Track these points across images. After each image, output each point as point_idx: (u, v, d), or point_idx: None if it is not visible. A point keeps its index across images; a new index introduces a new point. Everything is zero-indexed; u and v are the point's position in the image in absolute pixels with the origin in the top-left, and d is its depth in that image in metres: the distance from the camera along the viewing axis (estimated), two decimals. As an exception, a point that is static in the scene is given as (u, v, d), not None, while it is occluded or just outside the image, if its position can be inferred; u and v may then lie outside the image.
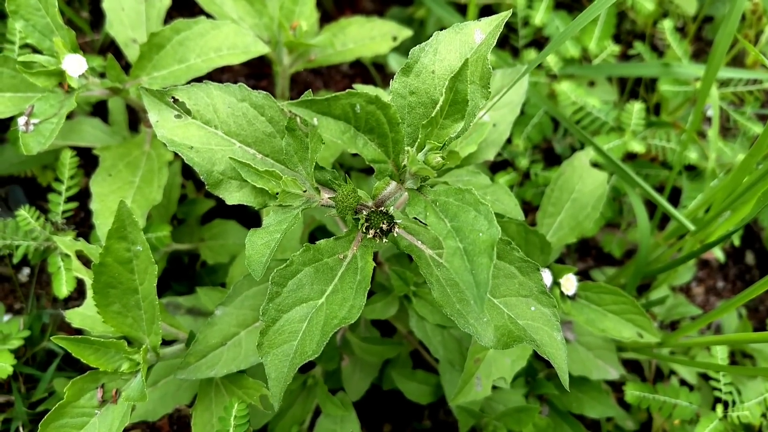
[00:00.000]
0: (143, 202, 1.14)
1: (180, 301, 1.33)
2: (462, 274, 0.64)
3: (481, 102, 0.75)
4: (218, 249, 1.42)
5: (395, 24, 1.40)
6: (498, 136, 1.13)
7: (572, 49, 1.65)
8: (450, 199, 0.71)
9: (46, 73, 1.06)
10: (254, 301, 1.01)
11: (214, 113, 0.89)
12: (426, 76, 0.78)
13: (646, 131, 1.57)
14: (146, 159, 1.20)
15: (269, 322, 0.76)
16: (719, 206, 1.21)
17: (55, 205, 1.30)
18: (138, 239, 0.93)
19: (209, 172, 0.87)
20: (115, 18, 1.27)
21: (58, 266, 1.24)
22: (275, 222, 0.85)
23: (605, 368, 1.37)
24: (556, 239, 1.25)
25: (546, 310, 0.85)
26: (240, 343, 1.00)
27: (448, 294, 0.84)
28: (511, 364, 1.16)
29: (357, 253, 0.81)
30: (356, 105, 0.65)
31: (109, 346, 0.95)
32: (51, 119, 1.04)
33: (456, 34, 0.78)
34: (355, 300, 0.77)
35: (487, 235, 0.66)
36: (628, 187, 1.35)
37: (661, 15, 1.88)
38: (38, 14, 1.07)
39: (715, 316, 1.27)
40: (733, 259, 1.90)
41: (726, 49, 1.20)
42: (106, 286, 0.94)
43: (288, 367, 0.75)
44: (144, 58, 1.14)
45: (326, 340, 0.74)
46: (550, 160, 1.82)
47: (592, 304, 1.19)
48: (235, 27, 1.11)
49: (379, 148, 0.70)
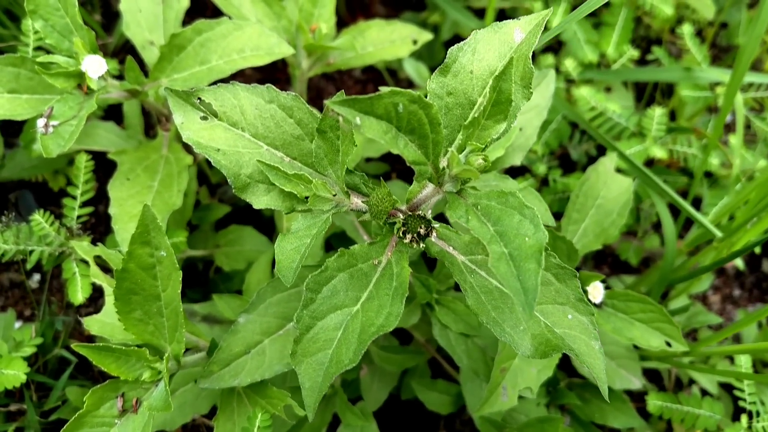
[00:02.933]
0: (163, 206, 1.11)
1: (195, 309, 1.30)
2: (509, 280, 0.62)
3: (522, 103, 0.73)
4: (234, 255, 1.39)
5: (415, 27, 1.39)
6: (525, 141, 1.11)
7: (590, 54, 1.63)
8: (492, 203, 0.69)
9: (66, 74, 1.04)
10: (278, 308, 0.99)
11: (241, 115, 0.87)
12: (464, 76, 0.76)
13: (667, 137, 1.55)
14: (164, 163, 1.18)
15: (303, 329, 0.74)
16: (747, 213, 1.19)
17: (70, 209, 1.27)
18: (162, 244, 0.90)
19: (236, 175, 0.85)
20: (132, 20, 1.25)
21: (73, 272, 1.22)
22: (305, 227, 0.83)
23: (628, 378, 1.35)
24: (580, 246, 1.22)
25: (583, 319, 0.83)
26: (264, 351, 0.98)
27: (482, 302, 0.82)
28: (537, 374, 1.14)
29: (391, 258, 0.79)
30: (399, 104, 0.63)
31: (131, 355, 0.92)
32: (70, 121, 1.02)
33: (495, 33, 0.76)
34: (392, 307, 0.74)
35: (533, 239, 0.64)
36: (653, 193, 1.33)
37: (675, 21, 1.87)
38: (57, 14, 1.05)
39: (737, 328, 1.25)
40: (750, 267, 1.88)
41: (753, 53, 1.19)
42: (128, 292, 0.92)
43: (323, 376, 0.73)
44: (164, 60, 1.12)
45: (364, 349, 0.72)
46: (565, 166, 1.80)
47: (619, 312, 1.17)
48: (258, 28, 1.09)
49: (419, 150, 0.68)
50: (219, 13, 1.31)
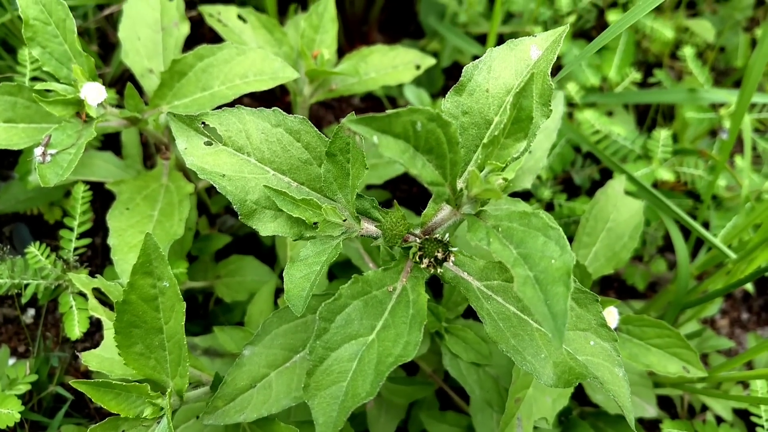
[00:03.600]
0: (164, 236, 1.08)
1: (196, 342, 1.26)
2: (536, 305, 0.59)
3: (542, 121, 0.70)
4: (235, 286, 1.36)
5: (418, 52, 1.37)
6: (534, 163, 1.09)
7: (592, 78, 1.62)
8: (514, 224, 0.66)
9: (64, 102, 1.01)
10: (285, 339, 0.95)
11: (247, 139, 0.84)
12: (480, 95, 0.73)
13: (673, 159, 1.53)
14: (165, 192, 1.15)
15: (317, 361, 0.70)
16: (761, 235, 1.16)
17: (67, 241, 1.24)
18: (165, 275, 0.87)
19: (242, 201, 0.82)
20: (130, 48, 1.23)
21: (69, 306, 1.18)
22: (314, 253, 0.80)
23: (642, 405, 1.31)
24: (592, 270, 1.20)
25: (606, 345, 0.79)
26: (270, 385, 0.94)
27: (501, 329, 0.79)
28: (552, 404, 1.10)
29: (407, 284, 0.76)
30: (417, 122, 0.60)
31: (131, 390, 0.88)
32: (69, 149, 0.99)
33: (511, 50, 0.74)
34: (410, 336, 0.71)
35: (560, 261, 0.61)
36: (663, 215, 1.31)
37: (673, 45, 1.87)
38: (56, 41, 1.03)
39: (751, 355, 1.22)
40: (758, 290, 1.85)
41: (761, 72, 1.17)
42: (129, 325, 0.88)
43: (338, 410, 0.69)
44: (164, 86, 1.10)
45: (382, 380, 0.68)
46: (568, 191, 1.77)
47: (635, 338, 1.13)
48: (262, 52, 1.07)
49: (437, 170, 0.65)
50: (219, 41, 1.29)
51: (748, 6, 1.91)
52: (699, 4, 2.00)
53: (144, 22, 1.24)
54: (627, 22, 0.97)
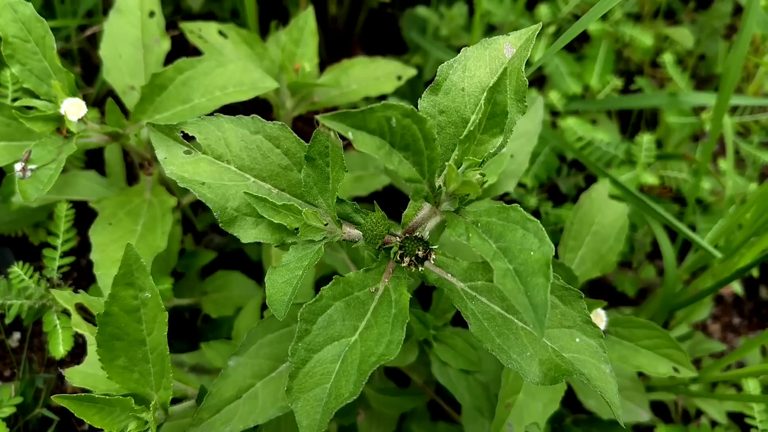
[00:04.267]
0: (147, 250, 1.07)
1: (183, 359, 1.25)
2: (516, 297, 0.59)
3: (517, 117, 0.71)
4: (222, 301, 1.35)
5: (399, 63, 1.38)
6: (516, 168, 1.09)
7: (574, 86, 1.63)
8: (493, 219, 0.66)
9: (44, 118, 1.01)
10: (270, 349, 0.94)
11: (226, 147, 0.84)
12: (455, 93, 0.74)
13: (656, 163, 1.54)
14: (148, 206, 1.14)
15: (299, 363, 0.69)
16: (744, 234, 1.17)
17: (50, 260, 1.23)
18: (146, 285, 0.86)
19: (223, 208, 0.82)
20: (112, 65, 1.23)
21: (54, 324, 1.17)
22: (296, 259, 0.79)
23: (636, 410, 1.30)
24: (579, 274, 1.19)
25: (592, 342, 0.79)
26: (256, 395, 0.93)
27: (486, 329, 0.78)
28: (543, 409, 1.09)
29: (389, 285, 0.75)
30: (392, 118, 0.60)
31: (115, 405, 0.87)
32: (49, 165, 0.99)
33: (485, 49, 0.74)
34: (392, 335, 0.70)
35: (539, 253, 0.61)
36: (649, 218, 1.31)
37: (654, 54, 1.89)
38: (35, 58, 1.03)
39: (740, 354, 1.22)
40: (748, 294, 1.85)
41: (738, 72, 1.19)
42: (111, 338, 0.87)
43: (321, 413, 0.68)
44: (145, 101, 1.10)
45: (365, 380, 0.67)
46: (555, 199, 1.78)
47: (624, 339, 1.13)
48: (241, 64, 1.08)
49: (414, 167, 0.65)
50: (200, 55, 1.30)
51: (726, 14, 1.93)
52: (678, 13, 2.03)
53: (125, 40, 1.24)
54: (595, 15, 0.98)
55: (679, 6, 2.02)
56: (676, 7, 2.01)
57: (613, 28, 1.74)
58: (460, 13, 1.81)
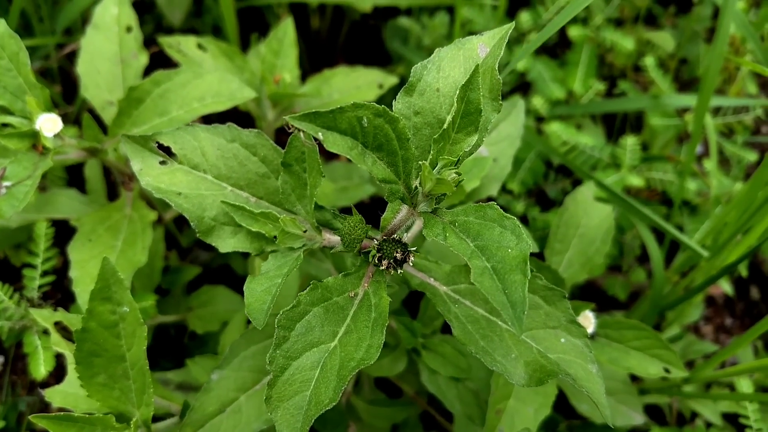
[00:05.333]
0: (127, 265, 1.06)
1: (169, 377, 1.23)
2: (494, 295, 0.58)
3: (492, 116, 0.70)
4: (208, 317, 1.33)
5: (380, 72, 1.38)
6: (500, 171, 1.09)
7: (557, 91, 1.63)
8: (470, 218, 0.65)
9: (19, 135, 1.00)
10: (253, 361, 0.93)
11: (203, 156, 0.83)
12: (430, 94, 0.73)
13: (642, 166, 1.53)
14: (128, 222, 1.13)
15: (278, 371, 0.68)
16: (732, 229, 1.16)
17: (30, 279, 1.21)
18: (124, 299, 0.84)
19: (200, 218, 0.81)
20: (90, 82, 1.22)
21: (35, 345, 1.15)
22: (275, 266, 0.78)
23: (629, 414, 1.28)
24: (567, 276, 1.18)
25: (577, 341, 0.78)
26: (240, 409, 0.91)
27: (469, 331, 0.77)
28: (534, 414, 1.07)
29: (369, 289, 0.74)
30: (363, 118, 0.59)
31: (95, 423, 0.85)
32: (25, 182, 0.97)
33: (459, 49, 0.73)
34: (372, 339, 0.69)
35: (516, 250, 0.60)
36: (635, 219, 1.30)
37: (637, 58, 1.89)
38: (10, 74, 1.02)
39: (731, 351, 1.21)
40: (739, 295, 1.85)
41: (718, 70, 1.19)
42: (90, 354, 0.85)
43: (302, 421, 0.66)
44: (123, 114, 1.09)
45: (344, 385, 0.66)
46: (542, 205, 1.77)
47: (614, 342, 1.12)
48: (219, 74, 1.07)
49: (388, 168, 0.64)
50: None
51: (707, 17, 1.94)
52: (659, 17, 2.03)
53: (103, 56, 1.23)
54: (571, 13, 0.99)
55: (660, 11, 2.03)
56: (656, 12, 2.02)
57: (594, 33, 1.74)
58: (442, 23, 1.81)
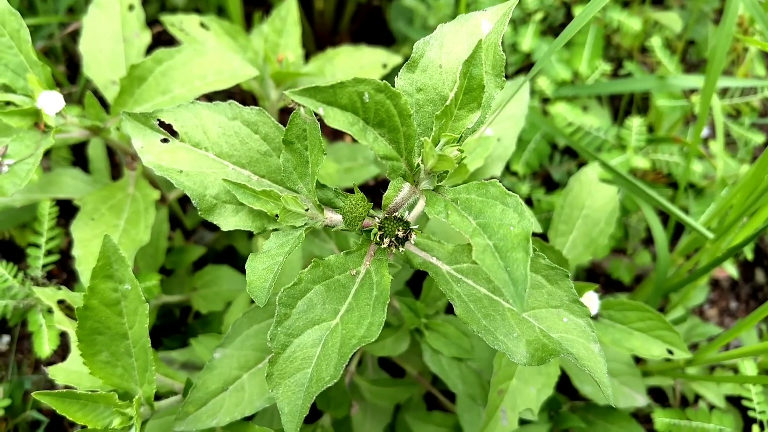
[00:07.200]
0: (130, 244, 1.06)
1: (173, 356, 1.23)
2: (496, 272, 0.57)
3: (496, 92, 0.69)
4: (212, 297, 1.33)
5: (384, 51, 1.37)
6: (503, 151, 1.08)
7: (563, 72, 1.62)
8: (472, 196, 0.64)
9: (21, 113, 0.99)
10: (256, 340, 0.93)
11: (204, 134, 0.83)
12: (433, 71, 0.72)
13: (648, 147, 1.52)
14: (131, 201, 1.13)
15: (279, 348, 0.68)
16: (737, 211, 1.15)
17: (34, 259, 1.21)
18: (126, 277, 0.84)
19: (201, 196, 0.80)
20: (92, 60, 1.22)
21: (39, 324, 1.15)
22: (277, 245, 0.78)
23: (632, 395, 1.28)
24: (571, 258, 1.18)
25: (580, 321, 0.77)
26: (243, 387, 0.91)
27: (471, 310, 0.77)
28: (536, 394, 1.07)
29: (370, 267, 0.74)
30: (364, 93, 0.59)
31: (98, 400, 0.85)
32: (27, 159, 0.97)
33: (462, 25, 0.73)
34: (373, 317, 0.69)
35: (519, 228, 0.59)
36: (639, 201, 1.29)
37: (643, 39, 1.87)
38: (11, 52, 1.01)
39: (735, 333, 1.20)
40: (744, 278, 1.84)
41: (725, 51, 1.17)
42: (93, 332, 0.85)
43: (303, 398, 0.66)
44: (125, 93, 1.08)
45: (345, 363, 0.66)
46: (548, 187, 1.76)
47: (617, 323, 1.12)
48: (220, 52, 1.06)
49: (390, 144, 0.64)
50: (183, 49, 1.28)
51: (715, -3, 1.92)
52: (667, -2, 2.01)
53: (105, 35, 1.23)
54: (591, 12, 0.97)
55: (668, -9, 2.00)
56: (664, -8, 2.00)
57: (601, 13, 1.72)
58: (447, 3, 1.79)
